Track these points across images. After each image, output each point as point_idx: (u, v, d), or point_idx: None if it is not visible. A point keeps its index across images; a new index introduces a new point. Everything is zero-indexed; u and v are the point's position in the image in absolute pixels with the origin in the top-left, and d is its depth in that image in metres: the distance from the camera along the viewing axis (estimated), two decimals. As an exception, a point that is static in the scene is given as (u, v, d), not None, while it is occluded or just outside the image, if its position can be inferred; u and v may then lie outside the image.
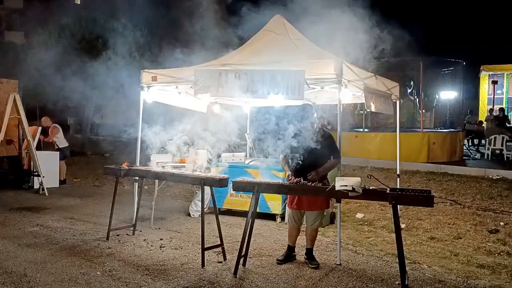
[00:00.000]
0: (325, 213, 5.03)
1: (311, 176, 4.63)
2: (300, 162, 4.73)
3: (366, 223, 6.77)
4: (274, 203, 6.64)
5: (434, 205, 4.28)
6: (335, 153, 4.87)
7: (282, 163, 5.10)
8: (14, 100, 8.79)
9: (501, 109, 17.98)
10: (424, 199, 3.90)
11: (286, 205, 5.20)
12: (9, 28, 40.59)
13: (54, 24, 17.80)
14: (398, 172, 7.28)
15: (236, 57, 6.10)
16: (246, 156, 7.81)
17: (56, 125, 10.38)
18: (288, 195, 4.99)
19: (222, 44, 6.50)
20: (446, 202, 8.10)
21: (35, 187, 9.21)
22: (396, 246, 4.00)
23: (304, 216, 4.97)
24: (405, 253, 4.21)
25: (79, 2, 41.56)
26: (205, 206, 5.76)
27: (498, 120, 15.97)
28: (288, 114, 5.00)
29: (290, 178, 4.82)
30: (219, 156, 6.85)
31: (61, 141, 10.30)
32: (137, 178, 6.10)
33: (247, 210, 4.75)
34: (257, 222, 5.81)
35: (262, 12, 6.58)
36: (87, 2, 39.03)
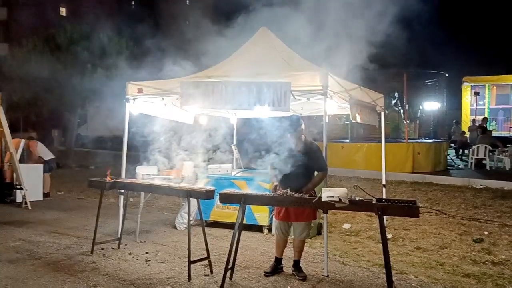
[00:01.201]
0: (312, 224, 5.03)
1: (304, 193, 4.60)
2: (286, 173, 4.73)
3: (353, 234, 6.78)
4: (261, 214, 6.61)
5: (420, 215, 4.32)
6: (321, 165, 4.89)
7: (270, 173, 5.09)
8: (-3, 112, 8.64)
9: (484, 119, 18.35)
10: (409, 209, 3.94)
11: (273, 216, 5.19)
12: (-7, 40, 40.06)
13: (38, 35, 17.65)
14: (383, 183, 7.34)
15: (222, 69, 6.13)
16: (232, 167, 7.80)
17: (35, 139, 10.17)
18: (275, 206, 4.98)
19: (207, 56, 6.52)
20: (432, 212, 8.17)
21: (17, 201, 9.02)
22: (383, 256, 4.01)
23: (291, 227, 4.96)
24: (391, 264, 4.23)
25: (64, 14, 41.37)
26: (191, 218, 5.71)
27: (483, 130, 16.29)
28: (275, 125, 5.01)
29: (278, 188, 4.80)
30: (205, 167, 6.82)
31: (46, 153, 10.13)
32: (122, 190, 6.02)
33: (234, 222, 4.72)
34: (244, 234, 5.78)
35: (248, 25, 6.64)
36: (73, 14, 38.91)
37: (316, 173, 4.96)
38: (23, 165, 9.28)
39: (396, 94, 16.64)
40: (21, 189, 8.74)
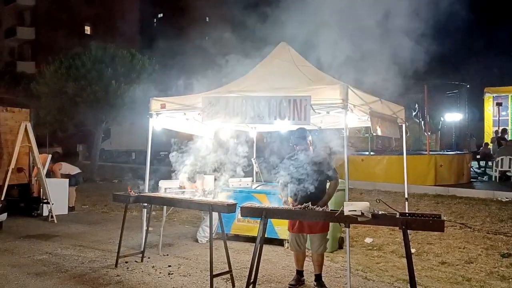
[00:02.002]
0: (328, 237, 5.02)
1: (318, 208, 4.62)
2: (298, 187, 4.77)
3: (375, 248, 6.70)
4: (281, 228, 6.61)
5: (444, 228, 4.26)
6: (331, 174, 4.89)
7: (280, 188, 5.11)
8: (25, 129, 8.95)
9: (504, 130, 17.98)
10: (434, 223, 3.88)
11: (287, 229, 5.20)
12: (21, 59, 41.66)
13: (64, 54, 18.25)
14: (406, 196, 7.25)
15: (243, 84, 6.22)
16: (253, 181, 7.84)
17: (56, 164, 10.34)
18: (289, 220, 4.98)
19: (228, 71, 6.64)
20: (456, 226, 8.01)
21: (44, 215, 9.26)
22: (407, 271, 3.96)
23: (307, 240, 4.96)
24: (416, 279, 4.16)
25: (89, 33, 42.67)
26: (212, 232, 5.76)
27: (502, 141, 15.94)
28: (283, 139, 5.08)
29: (289, 203, 4.82)
30: (226, 180, 6.89)
31: (71, 169, 10.36)
32: (145, 204, 6.13)
33: (255, 235, 4.75)
34: (265, 247, 5.78)
35: (268, 39, 6.75)
36: (97, 32, 40.10)
37: (328, 183, 4.97)
38: (50, 180, 9.54)
39: (416, 106, 16.46)
40: (47, 203, 8.98)
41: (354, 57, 5.75)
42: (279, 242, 6.67)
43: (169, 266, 5.72)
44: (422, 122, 16.32)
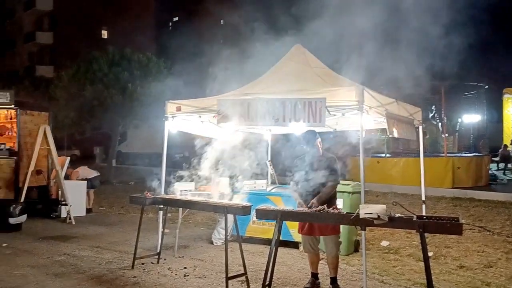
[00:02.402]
0: (340, 240, 5.00)
1: (313, 205, 4.61)
2: (306, 189, 4.78)
3: (391, 251, 6.63)
4: (296, 230, 6.56)
5: (462, 232, 4.19)
6: (332, 175, 4.86)
7: (291, 191, 5.11)
8: (45, 132, 9.12)
9: None
10: (452, 226, 3.82)
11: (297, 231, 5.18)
12: (40, 63, 42.52)
13: (81, 58, 18.56)
14: (423, 198, 7.15)
15: (258, 87, 6.24)
16: (267, 183, 7.84)
17: (73, 170, 10.46)
18: (299, 221, 4.97)
19: (243, 74, 6.67)
20: (474, 229, 7.87)
21: (62, 216, 9.41)
22: (424, 275, 3.91)
23: (320, 241, 4.95)
24: (434, 283, 4.10)
25: (106, 37, 43.32)
26: (228, 234, 5.78)
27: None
28: (292, 141, 5.08)
29: (303, 205, 4.81)
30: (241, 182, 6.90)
31: (88, 173, 10.48)
32: (161, 206, 6.19)
33: (269, 237, 4.75)
34: (280, 250, 5.76)
35: (282, 42, 6.75)
36: (113, 36, 40.69)
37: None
38: (68, 182, 9.70)
39: (433, 107, 16.24)
40: (65, 205, 9.12)
41: (371, 58, 5.71)
42: (294, 245, 6.64)
43: (185, 267, 5.76)
44: (439, 123, 16.09)
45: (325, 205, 4.45)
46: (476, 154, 15.47)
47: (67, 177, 10.04)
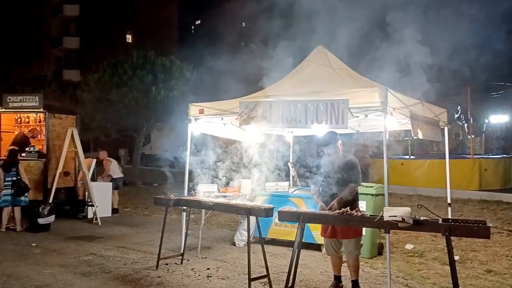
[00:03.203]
0: (361, 243, 4.94)
1: (333, 207, 4.58)
2: (327, 191, 4.75)
3: (416, 255, 6.52)
4: (318, 233, 6.52)
5: (490, 235, 4.09)
6: (353, 178, 4.82)
7: (313, 194, 5.08)
8: (72, 134, 9.36)
9: None
10: (479, 230, 3.74)
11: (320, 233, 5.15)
12: (67, 67, 43.70)
13: (107, 62, 18.96)
14: (449, 201, 7.01)
15: (280, 88, 6.25)
16: (290, 185, 7.84)
17: (110, 158, 10.89)
18: (321, 224, 4.94)
19: (265, 76, 6.69)
20: (503, 233, 7.65)
21: (89, 217, 9.64)
22: (450, 279, 3.83)
23: (342, 244, 4.91)
24: (460, 287, 4.02)
25: (130, 41, 44.16)
26: (250, 236, 5.81)
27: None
28: (313, 143, 5.05)
29: (324, 208, 4.78)
30: (263, 184, 6.92)
31: (115, 171, 10.77)
32: (185, 207, 6.26)
33: (292, 239, 4.74)
34: (302, 252, 5.74)
35: (305, 43, 6.74)
36: (138, 40, 41.43)
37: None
38: (94, 183, 9.93)
39: (459, 108, 15.89)
40: (92, 205, 9.34)
41: (395, 59, 5.64)
42: (317, 247, 6.62)
43: (208, 268, 5.81)
44: (465, 124, 15.73)
45: (348, 207, 4.42)
46: (504, 155, 15.04)
47: (99, 163, 10.38)
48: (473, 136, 15.01)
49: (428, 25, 5.75)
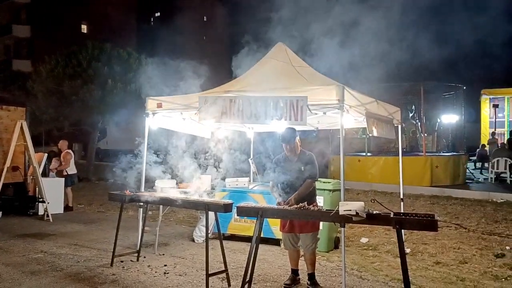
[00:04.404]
0: (318, 236, 5.05)
1: (290, 203, 4.65)
2: (285, 187, 4.83)
3: (370, 248, 6.73)
4: (278, 228, 6.61)
5: (439, 229, 4.30)
6: (312, 173, 4.93)
7: (271, 189, 5.14)
8: (21, 127, 8.91)
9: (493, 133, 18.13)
10: (428, 223, 3.91)
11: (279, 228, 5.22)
12: (17, 57, 41.46)
13: (60, 52, 18.17)
14: (401, 196, 7.27)
15: (240, 84, 6.23)
16: (249, 181, 7.85)
17: (69, 151, 10.40)
18: (280, 219, 5.01)
19: (225, 72, 6.66)
20: (451, 226, 8.05)
21: (39, 214, 9.23)
22: (401, 271, 3.98)
23: (300, 239, 4.98)
24: (410, 279, 4.19)
25: (86, 31, 42.55)
26: (209, 232, 5.77)
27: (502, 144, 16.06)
28: (271, 139, 5.11)
29: (281, 203, 4.84)
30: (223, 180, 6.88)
31: (71, 167, 10.34)
32: (141, 203, 6.12)
33: (251, 235, 4.76)
34: (261, 247, 5.79)
35: (265, 40, 6.75)
36: (93, 31, 40.00)
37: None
38: (45, 179, 9.51)
39: (413, 107, 16.53)
40: (43, 202, 8.95)
41: (352, 58, 5.77)
42: (276, 242, 6.68)
43: (165, 265, 5.72)
44: (418, 123, 16.39)
45: (305, 202, 4.48)
46: (454, 153, 15.82)
47: (56, 154, 9.90)
48: (425, 134, 15.66)
49: (388, 25, 5.92)
